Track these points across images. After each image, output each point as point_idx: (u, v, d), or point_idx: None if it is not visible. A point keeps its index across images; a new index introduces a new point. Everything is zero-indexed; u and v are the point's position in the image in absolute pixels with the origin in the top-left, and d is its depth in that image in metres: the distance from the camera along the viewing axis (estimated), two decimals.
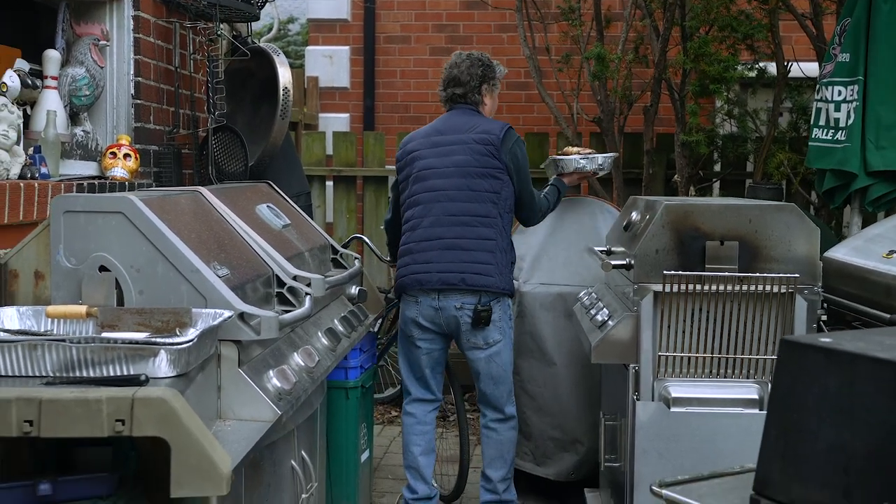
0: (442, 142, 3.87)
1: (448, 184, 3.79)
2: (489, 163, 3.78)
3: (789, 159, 5.09)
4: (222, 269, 2.71)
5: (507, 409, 3.92)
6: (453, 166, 3.79)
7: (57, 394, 2.07)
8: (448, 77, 3.95)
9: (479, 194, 3.77)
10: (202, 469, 2.07)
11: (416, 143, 3.95)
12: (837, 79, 4.11)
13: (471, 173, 3.77)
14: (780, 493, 1.71)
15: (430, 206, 3.81)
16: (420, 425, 4.00)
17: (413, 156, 3.92)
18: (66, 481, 2.24)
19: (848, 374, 1.61)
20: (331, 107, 8.41)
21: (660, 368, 3.12)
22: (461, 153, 3.80)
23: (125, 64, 3.84)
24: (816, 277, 3.14)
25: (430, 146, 3.88)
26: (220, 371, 2.54)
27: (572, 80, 6.03)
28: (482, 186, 3.77)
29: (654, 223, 3.15)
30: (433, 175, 3.83)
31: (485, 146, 3.78)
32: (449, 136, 3.86)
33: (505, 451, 3.93)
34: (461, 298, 3.75)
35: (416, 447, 3.99)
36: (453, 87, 3.93)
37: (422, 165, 3.87)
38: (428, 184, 3.84)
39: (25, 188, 2.96)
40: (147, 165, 3.94)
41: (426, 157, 3.87)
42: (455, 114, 3.94)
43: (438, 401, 4.07)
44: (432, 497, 4.02)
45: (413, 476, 4.00)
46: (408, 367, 4.02)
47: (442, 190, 3.80)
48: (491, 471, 3.94)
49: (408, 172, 3.93)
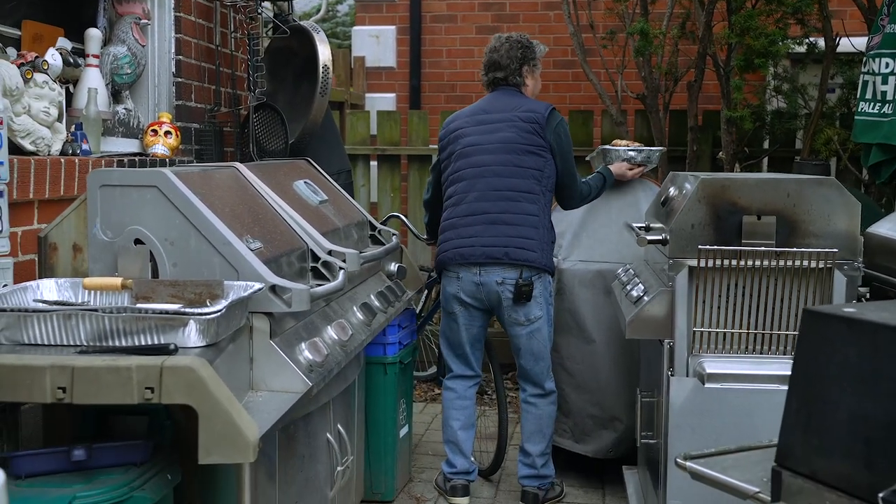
0: (487, 119, 3.89)
1: (493, 159, 3.82)
2: (534, 140, 3.80)
3: (838, 135, 4.98)
4: (255, 243, 2.74)
5: (546, 384, 3.94)
6: (498, 142, 3.82)
7: (89, 362, 2.13)
8: (489, 62, 3.97)
9: (524, 170, 3.79)
10: (229, 436, 2.11)
11: (460, 121, 3.98)
12: (885, 50, 4.01)
13: (516, 150, 3.80)
14: (802, 464, 1.69)
15: (474, 181, 3.83)
16: (460, 400, 4.03)
17: (457, 133, 3.94)
18: (100, 448, 2.30)
19: (870, 343, 1.59)
20: (377, 87, 8.43)
21: (694, 344, 3.09)
22: (506, 130, 3.83)
23: (166, 42, 3.89)
24: (856, 252, 3.08)
25: (476, 124, 3.91)
26: (252, 343, 2.58)
27: (617, 57, 5.97)
28: (526, 163, 3.80)
29: (689, 198, 3.11)
30: (478, 151, 3.85)
31: (530, 124, 3.81)
32: (494, 114, 3.89)
33: (544, 426, 3.96)
34: (502, 273, 3.76)
35: (456, 422, 4.02)
36: (494, 71, 3.95)
37: (466, 143, 3.89)
38: (473, 160, 3.86)
39: (66, 164, 3.02)
40: (188, 143, 3.99)
41: (471, 134, 3.90)
42: (499, 94, 3.96)
43: (478, 377, 4.09)
44: (471, 472, 4.06)
45: (452, 450, 4.03)
46: (448, 344, 4.04)
47: (487, 165, 3.82)
48: (530, 445, 3.96)
49: (451, 150, 3.95)
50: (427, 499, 4.13)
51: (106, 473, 2.27)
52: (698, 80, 5.47)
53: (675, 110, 5.93)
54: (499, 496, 4.18)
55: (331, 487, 3.25)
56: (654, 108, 5.64)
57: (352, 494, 3.64)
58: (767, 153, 5.74)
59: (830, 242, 3.06)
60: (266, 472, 2.76)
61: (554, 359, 4.24)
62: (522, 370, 3.95)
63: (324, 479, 3.20)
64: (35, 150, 2.96)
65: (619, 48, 5.89)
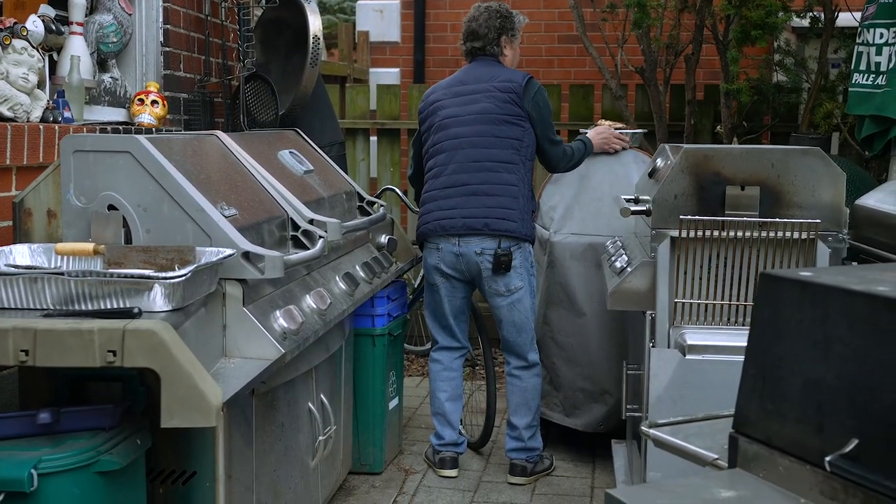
0: (464, 91, 3.88)
1: (471, 131, 3.81)
2: (511, 110, 3.79)
3: (839, 109, 4.92)
4: (230, 210, 2.73)
5: (530, 356, 3.94)
6: (476, 113, 3.81)
7: (52, 325, 2.13)
8: (467, 31, 3.94)
9: (502, 140, 3.78)
10: (192, 400, 2.11)
11: (438, 93, 3.96)
12: (880, 20, 3.94)
13: (494, 120, 3.79)
14: (758, 430, 1.67)
15: (453, 153, 3.83)
16: (446, 371, 4.04)
17: (436, 105, 3.93)
18: (67, 412, 2.30)
19: (822, 307, 1.56)
20: (381, 61, 8.39)
21: (676, 316, 3.07)
22: (484, 101, 3.82)
23: (154, 11, 3.87)
24: (841, 224, 3.04)
25: (453, 96, 3.89)
26: (225, 309, 2.58)
27: (618, 31, 5.91)
28: (505, 133, 3.79)
29: (673, 168, 3.08)
30: (456, 123, 3.85)
31: (507, 94, 3.80)
32: (471, 85, 3.88)
33: (529, 399, 3.96)
34: (480, 243, 3.77)
35: (443, 393, 4.04)
36: (472, 40, 3.93)
37: (445, 114, 3.88)
38: (451, 132, 3.85)
39: (45, 131, 3.01)
40: (177, 113, 3.98)
41: (449, 106, 3.89)
42: (477, 65, 3.94)
43: (465, 349, 4.10)
44: (459, 444, 4.07)
45: (440, 422, 4.05)
46: (433, 316, 4.06)
47: (465, 137, 3.82)
48: (516, 418, 3.96)
49: (430, 122, 3.94)
50: (416, 471, 4.13)
51: (73, 438, 2.27)
52: (696, 52, 5.41)
53: (675, 84, 5.88)
54: (488, 469, 4.18)
55: (312, 457, 3.25)
56: (652, 82, 5.59)
57: (337, 465, 3.64)
58: (767, 128, 5.68)
59: (815, 213, 3.02)
60: (243, 439, 2.76)
61: (544, 332, 4.23)
62: (505, 342, 3.95)
63: (305, 448, 3.20)
64: (13, 117, 2.95)
65: (620, 22, 5.84)
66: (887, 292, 1.45)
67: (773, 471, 1.61)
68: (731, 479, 1.67)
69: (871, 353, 1.45)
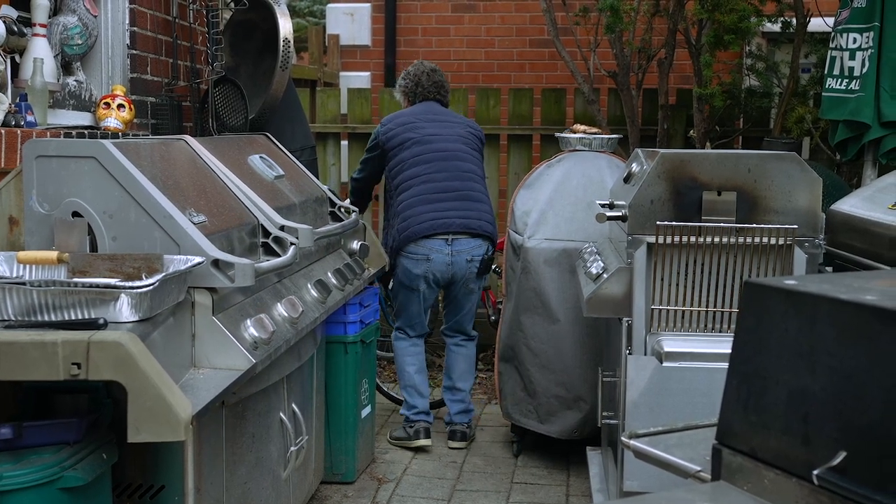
0: (439, 119, 4.47)
1: (455, 147, 4.40)
2: (476, 144, 4.52)
3: (810, 114, 4.93)
4: (198, 217, 2.66)
5: (470, 330, 4.60)
6: (457, 135, 4.44)
7: (14, 336, 2.05)
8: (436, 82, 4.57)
9: (476, 159, 4.48)
10: (160, 414, 2.04)
11: (406, 117, 4.46)
12: (853, 25, 3.93)
13: (469, 143, 4.47)
14: (742, 442, 1.64)
15: (443, 163, 4.35)
16: (413, 347, 4.51)
17: (411, 125, 4.40)
18: (30, 426, 2.23)
19: (808, 316, 1.52)
20: (352, 65, 8.32)
21: (653, 322, 3.04)
22: (459, 129, 4.47)
23: (120, 13, 3.78)
24: (817, 229, 3.02)
25: (428, 120, 4.44)
26: (193, 318, 2.51)
27: (591, 35, 5.88)
28: (476, 156, 4.49)
29: (649, 173, 3.05)
30: (440, 139, 4.38)
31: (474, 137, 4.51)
32: (442, 116, 4.51)
33: (471, 365, 4.60)
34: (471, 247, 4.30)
35: (411, 366, 4.47)
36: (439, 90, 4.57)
37: (426, 132, 4.38)
38: (436, 146, 4.36)
39: (7, 135, 2.93)
40: (144, 117, 3.90)
41: (427, 126, 4.41)
42: (434, 105, 4.55)
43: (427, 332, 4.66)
44: (429, 413, 4.49)
45: (410, 394, 4.45)
46: (408, 315, 4.47)
47: (452, 151, 4.38)
48: (462, 383, 4.52)
49: (405, 138, 4.37)
50: (389, 479, 4.08)
51: (37, 453, 2.20)
52: (669, 57, 5.40)
53: (648, 88, 5.86)
54: (462, 477, 4.13)
55: (284, 468, 3.19)
56: (625, 86, 5.57)
57: (309, 475, 3.58)
58: (740, 132, 5.68)
59: (791, 219, 3.01)
60: (212, 451, 2.69)
61: (518, 338, 4.21)
62: (458, 324, 4.52)
63: (276, 459, 3.14)
64: None
65: (593, 26, 5.81)
66: (875, 301, 1.42)
67: (758, 484, 1.58)
68: (716, 493, 1.63)
69: (858, 364, 1.42)
